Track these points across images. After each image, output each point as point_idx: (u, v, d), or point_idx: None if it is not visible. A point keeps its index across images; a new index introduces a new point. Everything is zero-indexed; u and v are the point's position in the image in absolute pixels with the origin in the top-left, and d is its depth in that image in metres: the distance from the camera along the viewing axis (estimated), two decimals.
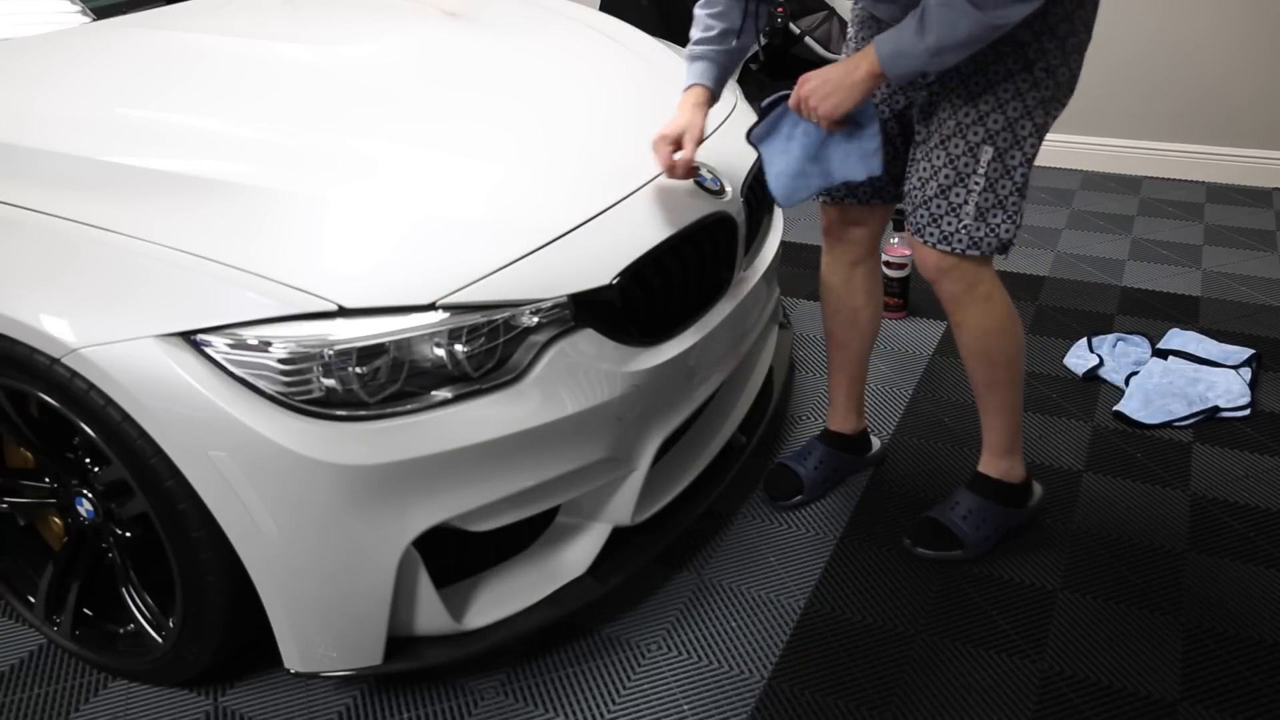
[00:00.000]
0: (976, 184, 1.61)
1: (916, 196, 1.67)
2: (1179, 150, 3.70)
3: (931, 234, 1.66)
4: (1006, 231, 1.64)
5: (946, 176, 1.63)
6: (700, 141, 1.67)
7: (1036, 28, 1.55)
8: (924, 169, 1.65)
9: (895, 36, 1.49)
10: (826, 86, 1.57)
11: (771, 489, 2.02)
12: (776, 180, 1.70)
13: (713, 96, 1.74)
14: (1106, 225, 3.32)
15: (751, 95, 3.57)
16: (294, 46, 1.78)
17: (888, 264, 2.68)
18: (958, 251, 1.65)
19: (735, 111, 1.99)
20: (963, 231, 1.63)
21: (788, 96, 1.62)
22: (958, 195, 1.62)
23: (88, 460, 1.55)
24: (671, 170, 1.65)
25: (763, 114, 1.70)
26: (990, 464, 1.87)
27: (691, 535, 1.92)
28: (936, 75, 1.64)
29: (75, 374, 1.34)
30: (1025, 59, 1.56)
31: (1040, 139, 1.62)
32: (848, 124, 1.62)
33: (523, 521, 1.51)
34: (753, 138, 1.71)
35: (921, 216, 1.67)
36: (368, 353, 1.31)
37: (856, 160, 1.64)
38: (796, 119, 1.65)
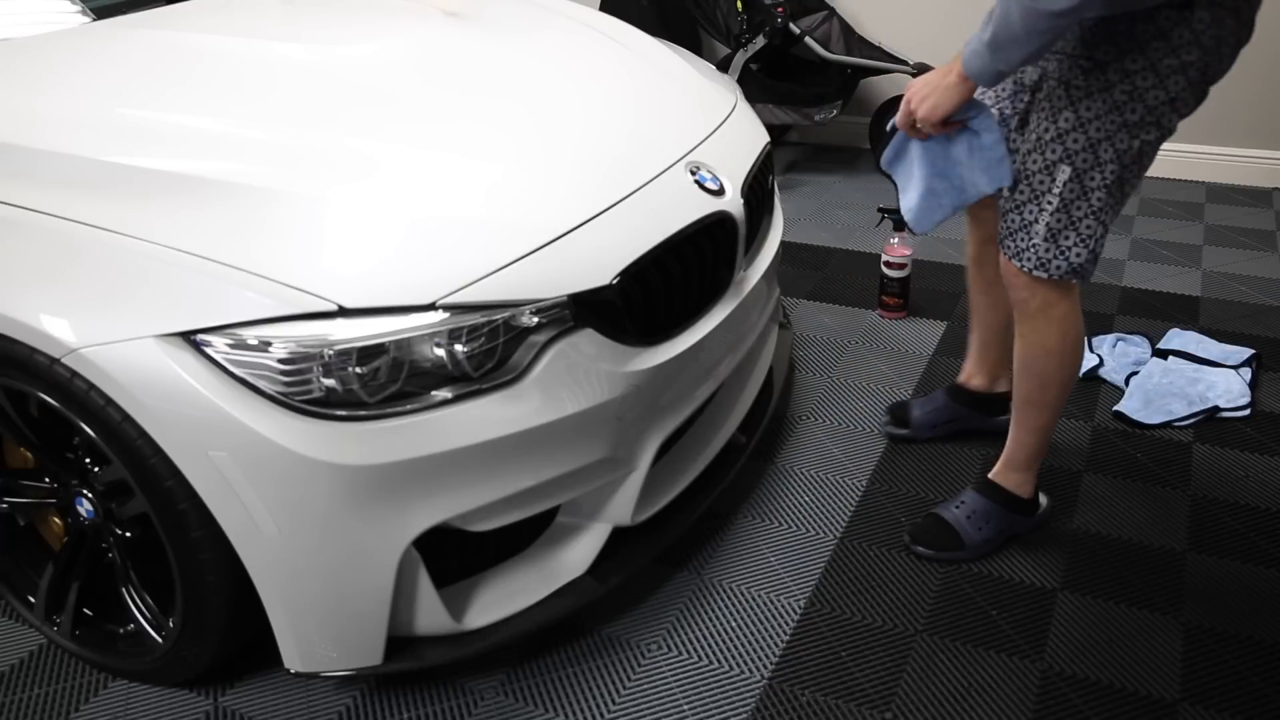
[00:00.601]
0: (1049, 204, 1.58)
1: (1001, 205, 1.67)
2: (1179, 150, 3.70)
3: (1009, 246, 1.65)
4: (1078, 256, 1.59)
5: (1021, 192, 1.61)
6: None
7: (1122, 45, 1.48)
8: None
9: (974, 36, 1.49)
10: (925, 89, 1.57)
11: (890, 411, 2.18)
12: (907, 204, 1.69)
13: None
14: None
15: (752, 95, 3.58)
16: (294, 46, 1.78)
17: (888, 264, 2.68)
18: (1025, 270, 1.63)
19: (735, 111, 1.99)
20: (1031, 251, 1.61)
21: None
22: (1030, 213, 1.60)
23: (88, 460, 1.55)
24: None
25: (887, 138, 1.69)
26: (1003, 474, 1.87)
27: (691, 535, 1.92)
28: (1032, 85, 1.62)
29: (75, 374, 1.34)
30: (1106, 79, 1.50)
31: (1125, 165, 1.55)
32: (966, 132, 1.60)
33: (523, 521, 1.51)
34: (882, 163, 1.73)
35: (1003, 227, 1.66)
36: (368, 353, 1.31)
37: (981, 171, 1.62)
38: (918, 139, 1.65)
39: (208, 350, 1.29)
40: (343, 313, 1.30)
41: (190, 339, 1.29)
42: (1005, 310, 1.96)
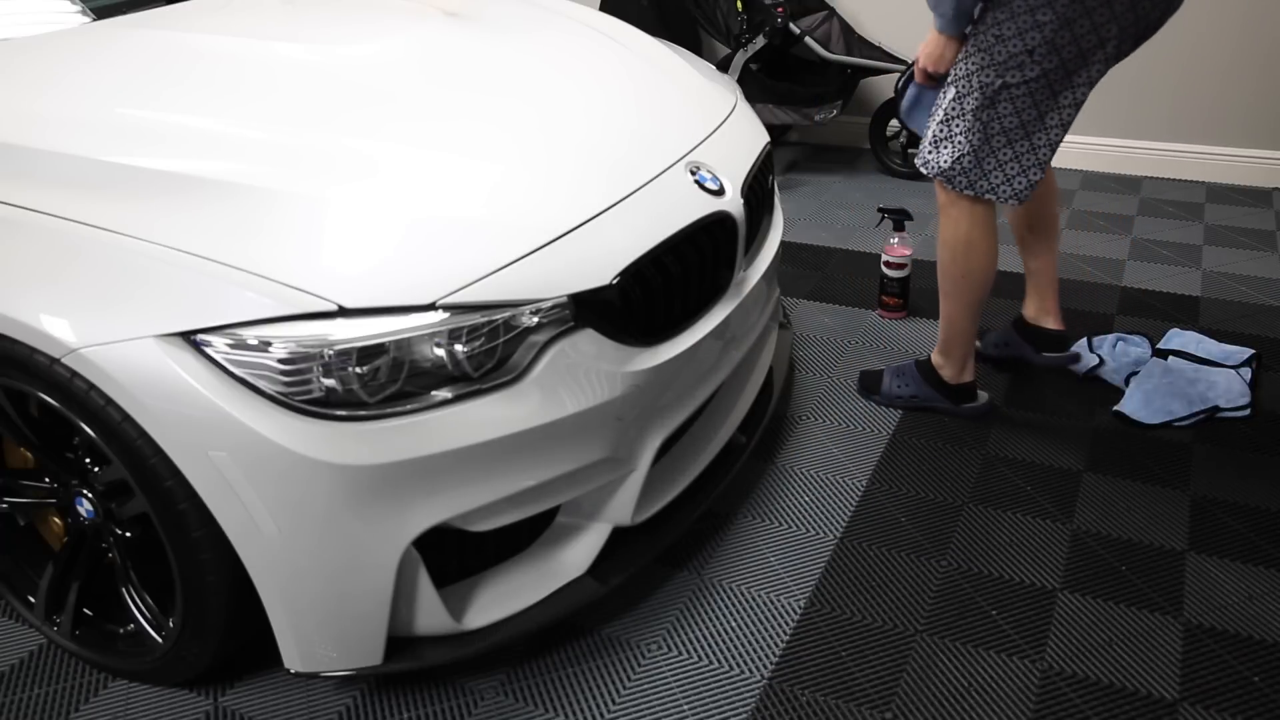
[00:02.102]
0: (937, 116, 1.99)
1: None
2: (1179, 150, 3.70)
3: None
4: (945, 160, 1.99)
5: (934, 114, 2.02)
6: None
7: None
8: None
9: None
10: (929, 49, 1.97)
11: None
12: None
13: None
14: (1106, 225, 3.32)
15: (752, 95, 3.58)
16: (294, 46, 1.78)
17: (888, 264, 2.68)
18: (919, 165, 2.05)
19: (735, 111, 1.99)
20: (924, 153, 2.03)
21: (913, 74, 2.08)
22: (932, 125, 2.01)
23: (88, 460, 1.55)
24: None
25: (901, 93, 2.13)
26: (934, 353, 2.26)
27: (691, 535, 1.93)
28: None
29: (75, 374, 1.34)
30: (985, 23, 1.86)
31: (989, 97, 1.89)
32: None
33: (523, 521, 1.51)
34: (901, 113, 2.13)
35: None
36: (368, 353, 1.31)
37: None
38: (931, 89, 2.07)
39: (208, 350, 1.29)
40: (343, 313, 1.30)
41: (190, 339, 1.29)
42: (1035, 233, 2.26)
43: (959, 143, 1.96)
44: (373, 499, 1.34)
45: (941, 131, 1.98)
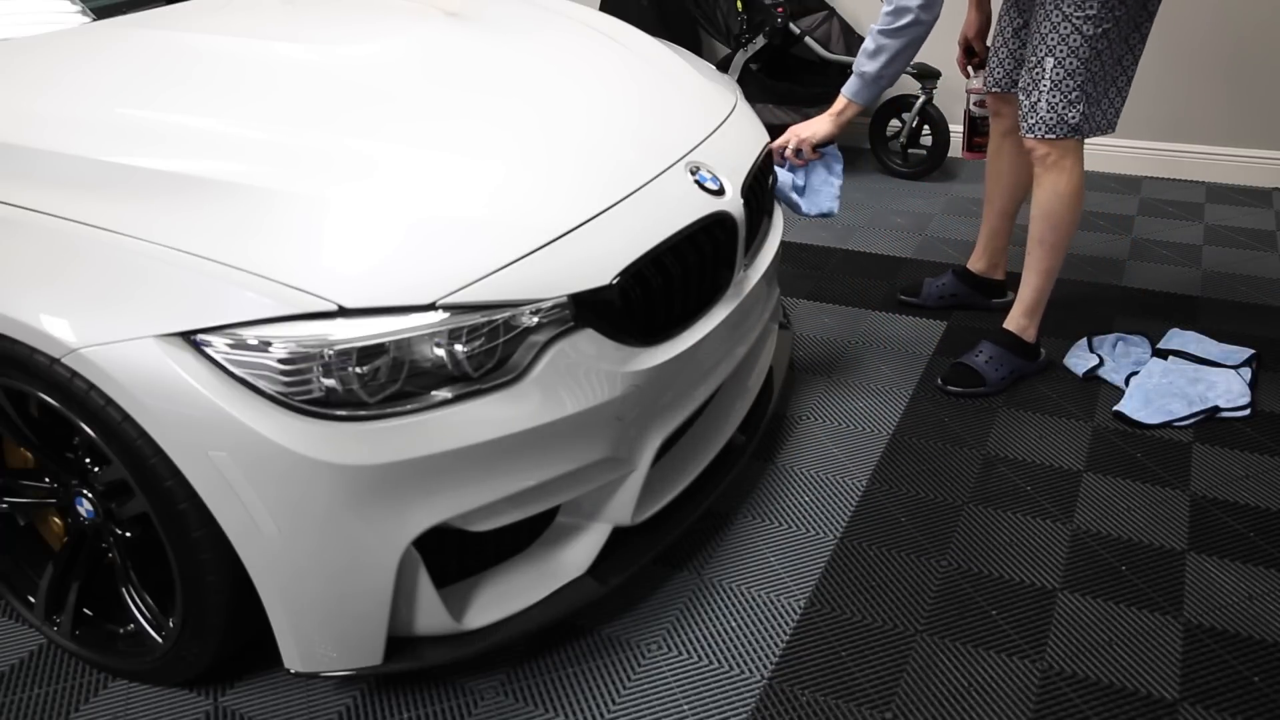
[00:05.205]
0: (1045, 86, 2.12)
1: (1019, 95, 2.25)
2: (1179, 150, 3.70)
3: (1025, 124, 2.17)
4: (1073, 119, 2.12)
5: (1028, 80, 2.15)
6: (983, 33, 2.56)
7: None
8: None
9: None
10: (809, 126, 2.19)
11: (903, 284, 2.83)
12: (807, 206, 2.25)
13: None
14: (1106, 225, 3.32)
15: (752, 95, 3.58)
16: (294, 46, 1.78)
17: (979, 104, 2.65)
18: (1039, 136, 2.16)
19: (735, 111, 1.99)
20: (1041, 123, 2.14)
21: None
22: (1035, 95, 2.13)
23: (88, 460, 1.55)
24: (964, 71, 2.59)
25: (774, 183, 2.13)
26: (1014, 320, 2.34)
27: (691, 535, 1.93)
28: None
29: (75, 374, 1.34)
30: None
31: (1094, 46, 2.05)
32: (825, 159, 2.24)
33: (523, 521, 1.51)
34: (784, 196, 2.20)
35: (1020, 113, 2.20)
36: (368, 353, 1.31)
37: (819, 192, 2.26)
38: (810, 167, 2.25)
39: (208, 350, 1.29)
40: (343, 313, 1.30)
41: (190, 339, 1.29)
42: (1013, 199, 2.52)
43: (1076, 98, 2.10)
44: (373, 499, 1.34)
45: (1056, 96, 2.11)
